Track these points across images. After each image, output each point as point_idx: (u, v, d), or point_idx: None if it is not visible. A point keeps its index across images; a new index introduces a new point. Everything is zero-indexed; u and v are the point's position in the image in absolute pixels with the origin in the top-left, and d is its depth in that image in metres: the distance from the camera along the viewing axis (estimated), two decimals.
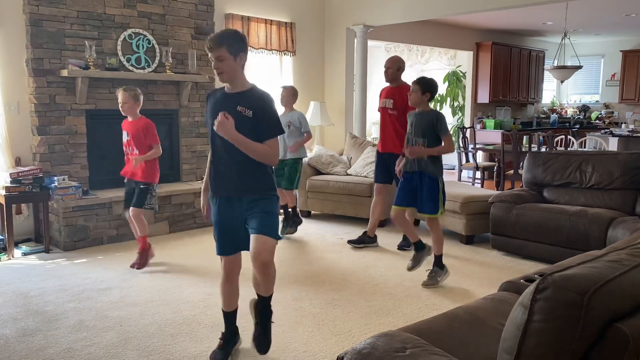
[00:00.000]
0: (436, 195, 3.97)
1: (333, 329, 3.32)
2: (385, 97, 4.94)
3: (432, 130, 3.90)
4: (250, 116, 2.63)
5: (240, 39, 2.69)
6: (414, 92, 3.94)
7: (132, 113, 4.34)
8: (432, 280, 4.07)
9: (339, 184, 6.11)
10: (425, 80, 3.98)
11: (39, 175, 4.97)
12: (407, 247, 4.94)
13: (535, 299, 1.39)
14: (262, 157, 2.67)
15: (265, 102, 2.68)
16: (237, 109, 2.64)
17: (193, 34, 6.11)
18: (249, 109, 2.63)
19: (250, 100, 2.65)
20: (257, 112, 2.63)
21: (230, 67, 2.64)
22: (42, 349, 3.02)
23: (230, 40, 2.63)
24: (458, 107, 10.77)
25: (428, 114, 3.96)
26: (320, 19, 7.71)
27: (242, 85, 2.71)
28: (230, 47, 2.61)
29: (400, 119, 4.74)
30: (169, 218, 5.62)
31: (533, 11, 8.16)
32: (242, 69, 2.71)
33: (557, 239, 4.53)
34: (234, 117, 2.62)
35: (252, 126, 2.63)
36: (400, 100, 4.74)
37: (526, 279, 2.52)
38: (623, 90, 11.13)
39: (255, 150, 2.64)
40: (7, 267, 4.56)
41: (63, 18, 5.17)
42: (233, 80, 2.70)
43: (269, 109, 2.67)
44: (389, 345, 1.75)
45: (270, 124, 2.67)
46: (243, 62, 2.69)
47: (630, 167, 4.71)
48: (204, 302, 3.74)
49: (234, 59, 2.63)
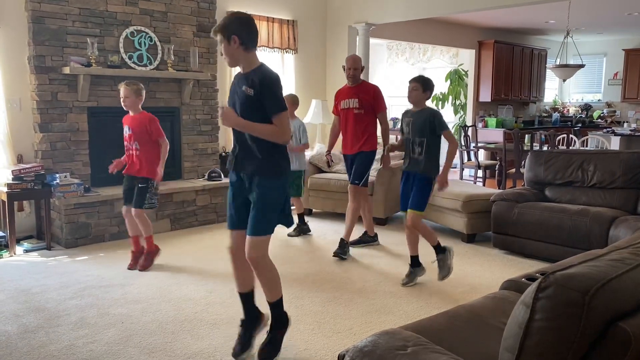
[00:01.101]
0: (427, 194, 3.93)
1: (334, 327, 3.32)
2: (347, 98, 4.79)
3: (430, 129, 3.87)
4: (252, 95, 2.67)
5: (232, 21, 2.71)
6: (414, 91, 3.92)
7: (134, 108, 4.31)
8: (444, 268, 4.04)
9: (340, 182, 6.11)
10: (426, 79, 3.96)
11: (41, 173, 4.98)
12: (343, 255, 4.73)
13: (537, 297, 1.39)
14: (270, 136, 2.71)
15: (266, 80, 2.67)
16: (242, 89, 2.71)
17: (195, 32, 6.11)
18: (251, 87, 2.67)
19: (253, 79, 2.69)
20: (257, 90, 2.66)
21: (228, 51, 2.70)
22: (44, 346, 3.02)
23: (223, 25, 2.69)
24: (460, 105, 10.76)
25: (424, 113, 3.92)
26: (322, 17, 7.71)
27: (250, 66, 2.74)
28: (223, 32, 2.67)
29: (368, 117, 4.72)
30: (170, 216, 5.62)
31: (535, 10, 8.14)
32: (245, 51, 2.71)
33: (559, 238, 4.53)
34: (240, 97, 2.70)
35: (254, 104, 2.68)
36: (366, 98, 4.69)
37: (528, 278, 2.51)
38: (625, 89, 11.10)
39: (262, 132, 2.70)
40: (9, 264, 4.57)
41: (65, 15, 5.17)
42: (237, 63, 2.75)
43: (269, 86, 2.67)
44: (391, 343, 1.75)
45: (271, 101, 2.68)
46: (238, 44, 2.68)
47: (632, 166, 4.70)
48: (206, 299, 3.74)
49: (228, 42, 2.67)
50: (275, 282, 2.86)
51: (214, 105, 6.34)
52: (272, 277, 2.85)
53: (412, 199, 3.94)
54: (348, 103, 4.78)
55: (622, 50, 11.06)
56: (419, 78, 3.97)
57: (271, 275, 2.84)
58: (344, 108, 4.82)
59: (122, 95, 4.29)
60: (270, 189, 2.76)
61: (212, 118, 6.35)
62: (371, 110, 4.74)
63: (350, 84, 4.80)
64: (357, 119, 4.74)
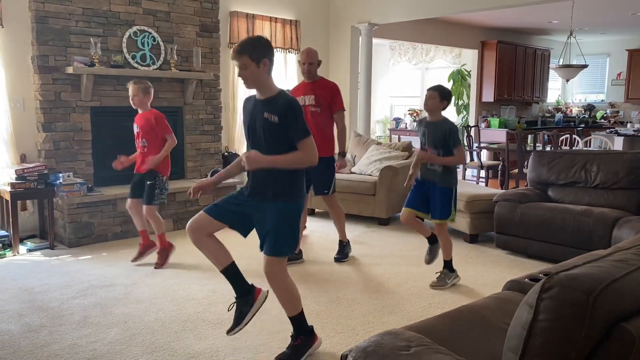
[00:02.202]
0: (449, 203, 3.95)
1: (336, 327, 3.32)
2: (303, 94, 4.44)
3: (445, 141, 3.86)
4: (276, 122, 2.66)
5: (262, 44, 2.70)
6: (431, 99, 3.88)
7: (142, 106, 4.33)
8: (441, 282, 4.04)
9: (343, 182, 6.11)
10: (444, 89, 3.92)
11: (44, 172, 4.99)
12: (344, 259, 4.65)
13: (541, 298, 1.39)
14: (297, 164, 2.73)
15: (289, 107, 2.68)
16: (264, 116, 2.69)
17: (198, 32, 6.12)
18: (274, 114, 2.66)
19: (276, 106, 2.68)
20: (281, 117, 2.65)
21: (253, 74, 2.67)
22: (47, 345, 3.03)
23: (251, 47, 2.65)
24: (463, 105, 10.75)
25: (441, 125, 3.89)
26: (325, 17, 7.71)
27: (269, 91, 2.73)
28: (252, 54, 2.63)
29: (324, 117, 4.42)
30: (173, 215, 5.63)
31: (539, 10, 8.13)
32: (268, 75, 2.72)
33: (562, 238, 4.52)
34: (262, 124, 2.69)
35: (278, 131, 2.67)
36: (323, 96, 4.40)
37: (531, 278, 2.51)
38: (629, 89, 11.07)
39: (289, 163, 2.70)
40: (12, 263, 4.58)
41: (68, 15, 5.18)
42: (259, 87, 2.73)
43: (292, 113, 2.67)
44: (393, 344, 1.75)
45: (297, 127, 2.68)
46: (267, 68, 2.70)
47: (636, 167, 4.69)
48: (208, 299, 3.74)
49: (257, 65, 2.65)
50: (292, 299, 2.84)
51: (216, 105, 6.35)
52: (289, 295, 2.83)
53: (436, 210, 3.95)
54: (304, 100, 4.41)
55: (625, 50, 11.04)
56: (437, 87, 3.93)
57: (288, 293, 2.82)
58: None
59: (130, 93, 4.31)
60: (290, 211, 2.76)
61: (214, 118, 6.36)
62: (328, 109, 4.44)
63: (307, 80, 4.49)
64: (313, 118, 4.35)
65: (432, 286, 4.02)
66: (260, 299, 2.89)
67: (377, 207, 5.94)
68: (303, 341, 2.89)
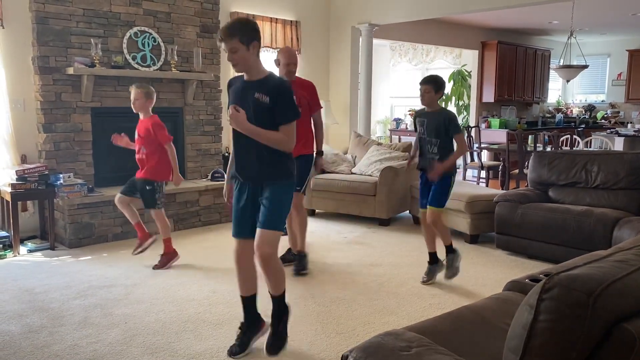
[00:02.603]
0: (446, 191, 3.94)
1: (337, 327, 3.32)
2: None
3: (445, 130, 3.86)
4: (267, 102, 2.66)
5: (251, 27, 2.68)
6: (427, 93, 3.87)
7: (143, 110, 4.31)
8: (452, 269, 4.04)
9: (344, 183, 6.11)
10: (436, 79, 3.90)
11: (45, 173, 4.99)
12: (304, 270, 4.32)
13: (541, 298, 1.39)
14: (276, 144, 2.72)
15: (281, 88, 2.69)
16: (255, 96, 2.68)
17: (198, 32, 6.12)
18: (266, 95, 2.66)
19: (267, 87, 2.68)
20: (273, 97, 2.66)
21: (244, 58, 2.65)
22: (47, 346, 3.03)
23: (241, 30, 2.63)
24: (463, 106, 10.75)
25: (439, 114, 3.90)
26: (325, 18, 7.71)
27: (259, 73, 2.73)
28: (242, 37, 2.61)
29: (306, 116, 4.25)
30: (173, 216, 5.63)
31: (539, 10, 8.13)
32: (257, 57, 2.71)
33: (562, 239, 4.52)
34: (252, 104, 2.68)
35: (269, 112, 2.67)
36: (304, 95, 4.22)
37: (531, 279, 2.51)
38: (629, 89, 11.07)
39: (269, 139, 2.70)
40: (13, 263, 4.58)
41: (69, 16, 5.19)
42: (249, 70, 2.72)
43: (284, 95, 2.69)
44: (394, 344, 1.75)
45: (286, 108, 2.69)
46: (257, 51, 2.69)
47: (636, 167, 4.68)
48: (208, 299, 3.74)
49: (247, 48, 2.64)
50: (282, 277, 2.88)
51: (217, 105, 6.35)
52: (280, 273, 2.87)
53: (432, 196, 3.94)
54: None
55: (625, 50, 11.04)
56: (429, 79, 3.91)
57: (280, 271, 2.86)
58: None
59: (132, 97, 4.27)
60: (283, 192, 2.79)
61: (215, 118, 6.36)
62: (307, 108, 4.29)
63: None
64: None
65: (448, 278, 4.04)
66: (264, 330, 2.97)
67: (378, 208, 5.94)
68: (284, 323, 2.92)
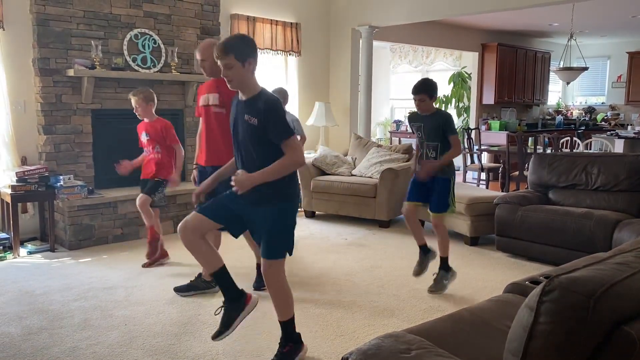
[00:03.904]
0: (446, 195, 3.93)
1: (337, 329, 3.32)
2: (207, 93, 3.78)
3: (442, 132, 3.85)
4: (256, 124, 2.59)
5: (247, 44, 2.64)
6: (422, 102, 3.82)
7: (147, 115, 4.40)
8: (439, 286, 3.98)
9: (344, 185, 6.11)
10: (428, 86, 3.82)
11: (45, 174, 4.99)
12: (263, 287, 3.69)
13: (541, 301, 1.39)
14: (286, 169, 2.63)
15: (269, 107, 2.58)
16: (245, 118, 2.63)
17: (199, 34, 6.13)
18: (254, 116, 2.59)
19: (255, 108, 2.60)
20: (261, 119, 2.58)
21: (238, 75, 2.60)
22: (47, 348, 3.03)
23: (237, 46, 2.58)
24: (463, 108, 10.75)
25: (435, 116, 3.89)
26: (325, 20, 7.72)
27: (252, 91, 2.66)
28: (237, 54, 2.57)
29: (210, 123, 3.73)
30: (174, 218, 5.63)
31: (539, 12, 8.13)
32: (252, 75, 2.66)
33: (563, 241, 4.52)
34: (244, 126, 2.62)
35: (258, 133, 2.59)
36: (229, 94, 3.55)
37: (531, 281, 2.51)
38: (629, 91, 11.07)
39: (280, 172, 2.60)
40: (13, 265, 4.58)
41: (69, 18, 5.19)
42: (243, 88, 2.66)
43: (272, 113, 2.58)
44: (394, 346, 1.75)
45: (278, 127, 2.58)
46: (252, 68, 2.64)
47: (636, 169, 4.68)
48: (209, 301, 3.74)
49: (242, 65, 2.59)
50: (285, 302, 2.81)
51: None
52: (284, 297, 2.81)
53: (435, 202, 3.93)
54: (207, 99, 3.75)
55: (626, 53, 11.04)
56: (421, 88, 3.80)
57: (283, 294, 2.80)
58: (203, 105, 3.79)
59: (133, 105, 4.37)
60: (283, 211, 2.71)
61: None
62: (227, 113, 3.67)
63: (210, 75, 3.77)
64: (217, 120, 3.68)
65: (430, 292, 3.98)
66: (251, 305, 2.82)
67: (378, 210, 5.94)
68: (291, 348, 2.83)
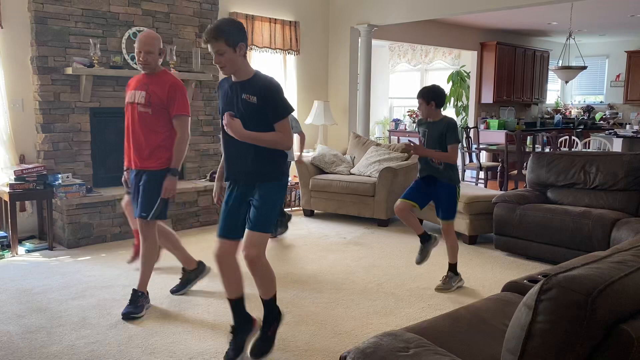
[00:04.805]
0: (454, 202, 3.95)
1: (335, 328, 3.32)
2: (134, 89, 3.47)
3: (444, 139, 3.85)
4: (255, 102, 2.64)
5: (237, 28, 2.65)
6: (420, 106, 3.90)
7: None
8: (446, 285, 3.99)
9: (342, 184, 6.11)
10: (427, 91, 3.87)
11: (43, 173, 4.99)
12: (136, 314, 3.44)
13: (539, 299, 1.39)
14: (274, 144, 2.70)
15: (269, 86, 2.67)
16: (242, 97, 2.67)
17: (197, 33, 6.12)
18: (253, 95, 2.64)
19: (254, 87, 2.66)
20: (260, 96, 2.64)
21: (231, 60, 2.63)
22: (45, 346, 3.03)
23: (227, 31, 2.59)
24: (462, 107, 10.76)
25: (439, 124, 3.88)
26: (324, 18, 7.71)
27: (246, 74, 2.71)
28: (228, 39, 2.59)
29: (157, 120, 3.42)
30: (172, 216, 5.62)
31: (538, 11, 8.13)
32: (244, 58, 2.69)
33: (561, 240, 4.52)
34: (242, 106, 2.66)
35: (258, 112, 2.65)
36: (158, 93, 3.39)
37: (530, 280, 2.51)
38: (627, 91, 11.08)
39: (267, 141, 2.68)
40: (11, 264, 4.57)
41: (68, 16, 5.18)
42: (236, 72, 2.70)
43: (273, 92, 2.66)
44: (392, 345, 1.75)
45: (276, 106, 2.67)
46: (244, 52, 2.67)
47: (635, 168, 4.69)
48: (207, 300, 3.74)
49: (234, 50, 2.61)
50: (271, 280, 2.85)
51: (216, 106, 6.34)
52: (269, 276, 2.83)
53: (444, 209, 3.94)
54: (133, 96, 3.46)
55: (624, 52, 11.05)
56: (419, 93, 3.91)
57: (268, 274, 2.82)
58: (129, 102, 3.50)
59: None
60: (274, 191, 2.77)
61: (214, 119, 6.35)
62: (164, 112, 3.42)
63: (145, 72, 3.49)
64: (141, 121, 3.41)
65: (438, 289, 3.99)
66: (257, 328, 2.93)
67: (377, 209, 5.94)
68: (275, 327, 2.90)
